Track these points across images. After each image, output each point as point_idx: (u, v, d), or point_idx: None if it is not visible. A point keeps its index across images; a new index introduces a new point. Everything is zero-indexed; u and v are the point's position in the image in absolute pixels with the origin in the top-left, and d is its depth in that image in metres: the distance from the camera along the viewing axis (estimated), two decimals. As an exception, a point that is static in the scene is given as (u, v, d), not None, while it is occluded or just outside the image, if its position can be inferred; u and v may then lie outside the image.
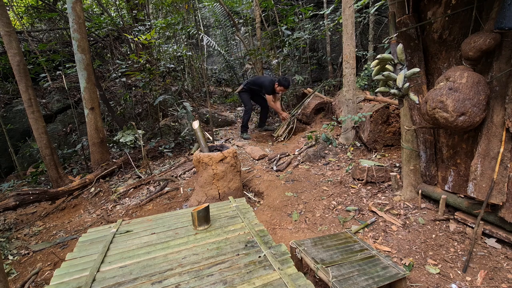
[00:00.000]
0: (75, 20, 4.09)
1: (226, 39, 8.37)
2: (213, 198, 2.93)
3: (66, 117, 6.54)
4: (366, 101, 4.23)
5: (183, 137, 5.17)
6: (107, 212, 3.34)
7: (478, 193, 1.94)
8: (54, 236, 3.02)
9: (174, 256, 1.60)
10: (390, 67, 1.93)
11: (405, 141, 2.60)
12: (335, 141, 4.06)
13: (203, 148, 3.04)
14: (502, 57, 1.80)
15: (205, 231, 1.86)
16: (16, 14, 6.50)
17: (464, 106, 1.77)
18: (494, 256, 1.88)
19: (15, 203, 3.27)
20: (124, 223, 2.10)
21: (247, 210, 2.15)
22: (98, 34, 6.86)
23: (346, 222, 2.45)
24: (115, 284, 1.39)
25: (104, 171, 4.25)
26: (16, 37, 3.63)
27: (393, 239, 2.17)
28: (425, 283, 1.75)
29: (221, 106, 7.60)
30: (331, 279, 1.48)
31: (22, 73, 3.65)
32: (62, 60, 5.85)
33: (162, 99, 5.08)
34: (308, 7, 6.31)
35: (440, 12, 2.13)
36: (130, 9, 6.53)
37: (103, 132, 4.52)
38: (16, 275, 2.46)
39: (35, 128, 3.83)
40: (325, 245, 1.83)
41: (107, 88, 6.63)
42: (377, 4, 4.86)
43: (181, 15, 7.04)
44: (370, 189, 2.86)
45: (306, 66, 7.16)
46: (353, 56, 3.72)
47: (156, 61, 6.11)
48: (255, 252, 1.59)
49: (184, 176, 3.99)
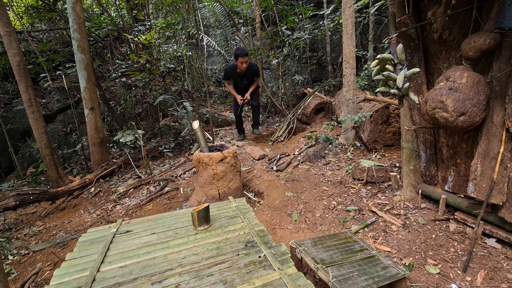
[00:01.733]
0: (75, 20, 4.09)
1: (226, 39, 8.37)
2: (213, 198, 2.93)
3: (66, 117, 6.54)
4: (366, 101, 4.23)
5: (183, 137, 5.17)
6: (107, 212, 3.34)
7: (478, 193, 1.94)
8: (54, 236, 3.02)
9: (174, 256, 1.60)
10: (390, 67, 1.93)
11: (405, 141, 2.60)
12: (335, 141, 4.06)
13: (203, 148, 3.04)
14: (502, 57, 1.80)
15: (205, 231, 1.86)
16: (16, 14, 6.50)
17: (464, 106, 1.77)
18: (494, 256, 1.88)
19: (15, 203, 3.27)
20: (124, 223, 2.10)
21: (247, 210, 2.15)
22: (98, 34, 6.86)
23: (346, 222, 2.45)
24: (115, 284, 1.39)
25: (104, 171, 4.25)
26: (16, 37, 3.63)
27: (393, 239, 2.17)
28: (425, 283, 1.75)
29: (221, 106, 7.60)
30: (331, 279, 1.48)
31: (22, 73, 3.65)
32: (62, 60, 5.84)
33: (162, 99, 5.08)
34: (308, 7, 6.31)
35: (440, 12, 2.13)
36: (130, 9, 6.53)
37: (103, 132, 4.51)
38: (16, 275, 2.46)
39: (35, 128, 3.83)
40: (325, 245, 1.83)
41: (107, 88, 6.63)
42: (377, 4, 4.86)
43: (181, 15, 7.04)
44: (370, 189, 2.86)
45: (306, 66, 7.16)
46: (353, 56, 3.72)
47: (156, 61, 6.10)
48: (255, 252, 1.59)
49: (184, 176, 3.99)
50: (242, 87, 4.76)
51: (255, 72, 4.65)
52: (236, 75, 4.62)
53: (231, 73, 4.62)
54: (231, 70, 4.59)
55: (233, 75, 4.65)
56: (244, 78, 4.66)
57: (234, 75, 4.63)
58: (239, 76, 4.64)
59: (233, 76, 4.66)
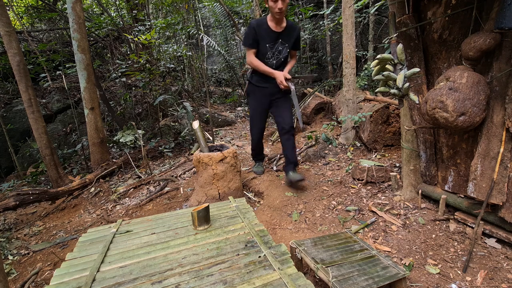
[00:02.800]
0: (75, 20, 4.09)
1: (226, 39, 8.37)
2: (213, 198, 2.93)
3: (66, 117, 6.54)
4: (366, 101, 4.23)
5: (183, 137, 5.17)
6: (107, 212, 3.34)
7: (478, 193, 1.94)
8: (54, 236, 3.02)
9: (174, 256, 1.60)
10: (390, 67, 1.93)
11: (405, 141, 2.60)
12: (335, 141, 4.06)
13: (203, 148, 3.04)
14: (502, 57, 1.80)
15: (205, 231, 1.86)
16: (16, 14, 6.50)
17: (464, 106, 1.77)
18: (494, 256, 1.88)
19: (15, 203, 3.27)
20: (124, 223, 2.10)
21: (247, 210, 2.15)
22: (98, 34, 6.86)
23: (346, 222, 2.45)
24: (115, 284, 1.39)
25: (104, 171, 4.25)
26: (16, 37, 3.63)
27: (393, 239, 2.17)
28: (425, 283, 1.75)
29: (221, 106, 7.60)
30: (331, 279, 1.48)
31: (22, 73, 3.65)
32: (62, 60, 5.84)
33: (162, 99, 5.08)
34: (308, 7, 6.31)
35: (440, 12, 2.13)
36: (130, 9, 6.53)
37: (103, 132, 4.51)
38: (16, 275, 2.46)
39: (35, 128, 3.83)
40: (325, 245, 1.83)
41: (107, 88, 6.63)
42: (377, 4, 4.86)
43: (181, 15, 7.04)
44: (370, 189, 2.86)
45: (306, 66, 7.16)
46: (353, 56, 3.72)
47: (156, 61, 6.10)
48: (255, 252, 1.59)
49: (184, 176, 3.99)
50: (271, 63, 2.82)
51: (297, 38, 2.85)
52: (267, 35, 2.69)
53: (260, 33, 2.69)
54: (259, 28, 2.68)
55: (262, 36, 2.69)
56: (279, 43, 2.74)
57: (264, 35, 2.69)
58: (270, 39, 2.71)
59: (261, 39, 2.70)
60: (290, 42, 2.79)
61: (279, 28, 2.68)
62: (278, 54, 2.77)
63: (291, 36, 2.76)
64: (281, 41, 2.71)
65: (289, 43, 2.78)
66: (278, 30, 2.68)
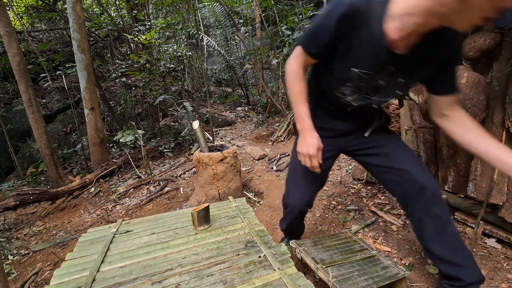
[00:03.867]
0: (75, 20, 4.09)
1: (226, 39, 8.37)
2: (213, 198, 2.93)
3: (66, 117, 6.54)
4: (366, 101, 4.23)
5: (183, 137, 5.17)
6: (107, 212, 3.34)
7: (478, 193, 1.94)
8: (54, 236, 3.02)
9: (174, 256, 1.60)
10: (390, 67, 1.93)
11: (405, 141, 2.60)
12: (335, 141, 4.05)
13: (203, 148, 3.04)
14: (502, 57, 1.80)
15: (205, 231, 1.86)
16: (16, 14, 6.50)
17: (464, 106, 1.77)
18: (494, 256, 1.88)
19: (15, 203, 3.27)
20: (124, 223, 2.10)
21: (247, 210, 2.15)
22: (98, 34, 6.86)
23: (346, 222, 2.45)
24: (115, 284, 1.39)
25: (104, 171, 4.25)
26: (16, 37, 3.63)
27: (393, 239, 2.17)
28: (425, 283, 1.75)
29: (221, 106, 7.61)
30: (331, 279, 1.48)
31: (22, 73, 3.65)
32: (62, 60, 5.85)
33: (162, 99, 5.08)
34: (308, 7, 6.31)
35: (440, 12, 2.13)
36: (130, 9, 6.53)
37: (103, 132, 4.52)
38: (16, 275, 2.46)
39: (35, 128, 3.83)
40: (325, 245, 1.83)
41: (107, 88, 6.63)
42: (377, 4, 4.85)
43: (181, 15, 7.04)
44: (370, 189, 2.86)
45: (306, 66, 7.15)
46: (353, 56, 3.71)
47: (156, 61, 6.11)
48: (255, 252, 1.59)
49: (184, 176, 3.99)
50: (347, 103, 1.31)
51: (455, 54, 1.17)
52: (371, 52, 1.07)
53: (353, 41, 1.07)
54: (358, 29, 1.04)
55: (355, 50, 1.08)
56: (392, 76, 1.13)
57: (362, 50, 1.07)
58: (373, 62, 1.09)
59: (349, 54, 1.11)
60: (421, 73, 1.19)
61: (403, 46, 1.05)
62: (375, 92, 1.23)
63: (431, 59, 1.13)
64: (397, 70, 1.13)
65: (416, 76, 1.21)
66: (400, 50, 1.06)
